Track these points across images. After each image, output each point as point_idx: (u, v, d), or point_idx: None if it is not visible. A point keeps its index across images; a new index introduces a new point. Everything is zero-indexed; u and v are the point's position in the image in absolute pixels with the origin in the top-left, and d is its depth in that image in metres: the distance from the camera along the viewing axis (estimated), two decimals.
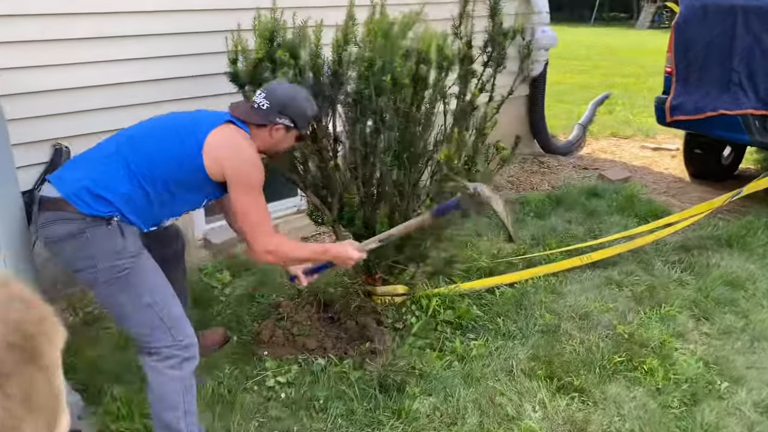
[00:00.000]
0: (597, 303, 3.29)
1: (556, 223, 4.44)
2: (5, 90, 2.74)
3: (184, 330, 2.08)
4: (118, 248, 1.98)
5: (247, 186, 2.12)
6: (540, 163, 5.87)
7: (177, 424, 2.04)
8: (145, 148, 2.08)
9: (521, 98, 5.78)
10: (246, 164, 2.11)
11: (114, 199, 1.98)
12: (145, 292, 2.02)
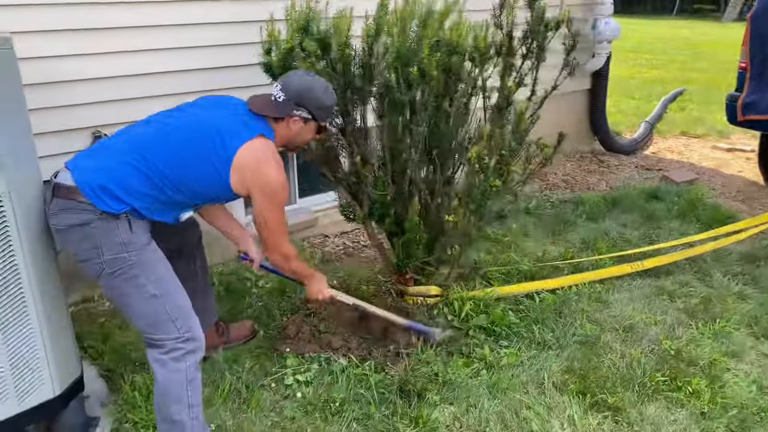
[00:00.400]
0: (644, 314, 3.07)
1: (610, 227, 4.20)
2: (46, 78, 2.80)
3: (189, 322, 2.05)
4: (124, 240, 1.97)
5: (272, 205, 2.14)
6: (599, 162, 5.59)
7: (179, 417, 2.01)
8: (171, 154, 2.02)
9: (580, 93, 5.52)
10: (273, 189, 2.10)
11: (127, 198, 1.97)
12: (150, 283, 2.00)
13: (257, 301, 3.25)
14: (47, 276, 2.07)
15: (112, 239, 1.95)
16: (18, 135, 1.95)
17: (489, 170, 2.31)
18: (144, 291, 1.99)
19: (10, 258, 1.92)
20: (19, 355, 2.01)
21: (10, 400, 2.03)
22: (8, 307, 1.94)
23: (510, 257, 3.63)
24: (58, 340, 2.13)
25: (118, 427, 2.30)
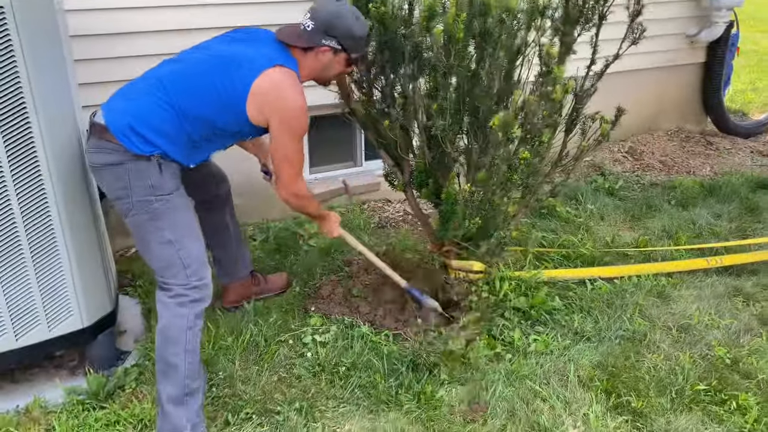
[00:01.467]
0: (708, 316, 2.77)
1: (700, 216, 3.81)
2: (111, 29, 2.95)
3: (200, 272, 2.10)
4: (153, 184, 2.02)
5: (291, 132, 2.11)
6: (707, 144, 5.06)
7: (175, 360, 2.06)
8: (190, 88, 2.05)
9: (692, 66, 4.99)
10: (292, 115, 2.07)
11: (156, 140, 2.01)
12: (168, 229, 2.05)
13: (304, 258, 3.29)
14: (78, 212, 2.21)
15: (142, 182, 2.01)
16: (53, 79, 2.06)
17: (515, 140, 2.12)
18: (161, 235, 2.06)
19: (40, 189, 2.06)
20: (48, 284, 2.18)
21: (41, 326, 2.21)
22: (38, 236, 2.10)
23: (570, 240, 3.39)
24: (88, 275, 2.28)
25: (140, 363, 2.44)
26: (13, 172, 1.99)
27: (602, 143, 2.52)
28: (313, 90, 3.10)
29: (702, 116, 5.25)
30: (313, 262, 3.22)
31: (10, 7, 1.87)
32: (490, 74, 2.16)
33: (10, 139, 1.96)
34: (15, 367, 2.35)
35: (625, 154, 4.78)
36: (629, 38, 2.38)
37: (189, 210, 2.16)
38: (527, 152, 2.17)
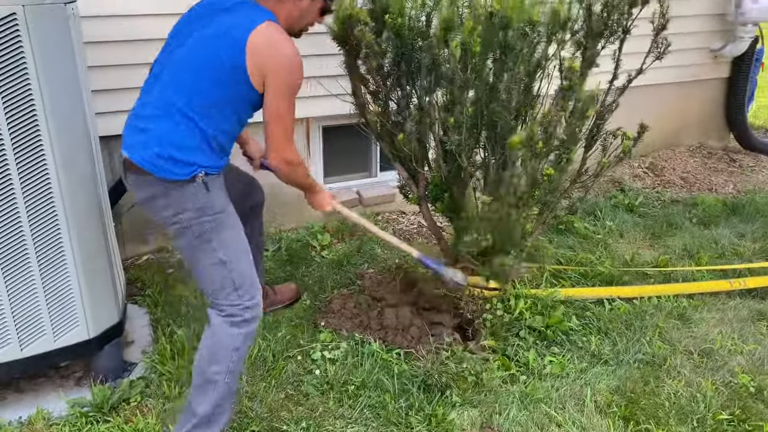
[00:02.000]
0: (731, 341, 2.67)
1: (722, 235, 3.70)
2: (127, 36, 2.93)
3: (251, 292, 2.03)
4: (203, 205, 1.95)
5: (287, 87, 1.98)
6: (730, 161, 4.95)
7: (216, 377, 2.00)
8: (191, 84, 1.93)
9: (716, 81, 4.89)
10: (290, 68, 1.96)
11: (188, 157, 1.92)
12: (222, 249, 1.99)
13: (315, 270, 3.25)
14: (86, 222, 2.18)
15: (191, 204, 1.94)
16: (64, 86, 2.03)
17: (537, 156, 2.06)
18: (215, 255, 1.98)
19: (49, 198, 2.04)
20: (55, 293, 2.14)
21: (46, 336, 2.18)
22: (45, 245, 2.07)
23: (587, 258, 3.30)
24: (95, 285, 2.24)
25: (146, 376, 2.39)
26: (22, 181, 1.97)
27: (623, 160, 2.44)
28: (329, 101, 3.08)
29: (725, 132, 5.14)
30: (324, 274, 3.18)
31: (22, 13, 1.85)
32: (509, 88, 2.10)
33: (19, 145, 1.94)
34: (20, 377, 2.32)
35: (645, 170, 4.68)
36: (653, 53, 2.31)
37: (239, 227, 2.08)
38: (551, 169, 2.10)
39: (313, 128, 3.66)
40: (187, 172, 1.92)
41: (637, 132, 2.39)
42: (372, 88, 2.58)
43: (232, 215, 2.06)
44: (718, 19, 4.64)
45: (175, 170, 1.91)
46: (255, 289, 2.05)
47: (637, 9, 2.23)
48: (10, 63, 1.86)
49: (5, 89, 1.87)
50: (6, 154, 1.92)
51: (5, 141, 1.91)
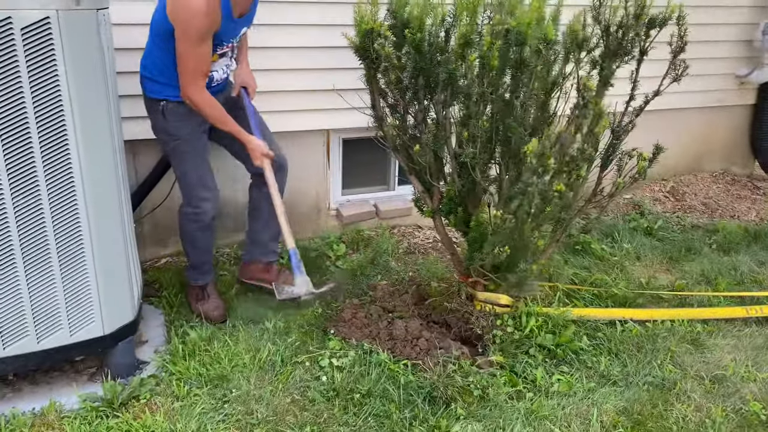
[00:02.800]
0: (744, 368, 2.64)
1: (742, 262, 3.66)
2: None
3: (199, 205, 2.69)
4: (162, 125, 2.57)
5: (185, 33, 2.27)
6: (754, 188, 4.88)
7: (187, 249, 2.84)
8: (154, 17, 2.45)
9: (741, 108, 4.86)
10: (186, 13, 2.23)
11: (151, 74, 2.50)
12: (180, 166, 2.64)
13: (331, 279, 3.28)
14: (107, 222, 2.24)
15: (159, 125, 2.59)
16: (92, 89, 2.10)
17: (549, 172, 2.07)
18: (178, 168, 2.68)
19: (72, 197, 2.10)
20: (73, 290, 2.20)
21: (63, 331, 2.24)
22: (66, 243, 2.14)
23: (602, 279, 3.29)
24: (112, 283, 2.30)
25: (157, 374, 2.44)
26: (47, 179, 2.04)
27: (638, 181, 2.44)
28: (349, 113, 3.13)
29: (750, 159, 5.09)
30: (339, 284, 3.20)
31: (56, 17, 1.93)
32: (524, 104, 2.12)
33: (46, 145, 2.01)
34: (36, 370, 2.38)
35: (666, 194, 4.65)
36: (671, 75, 2.31)
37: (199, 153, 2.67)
38: (561, 185, 2.12)
39: (333, 140, 3.71)
40: (154, 93, 2.54)
41: (652, 153, 2.39)
42: (390, 101, 2.62)
43: (194, 143, 2.61)
44: (745, 46, 4.62)
45: (147, 86, 2.57)
46: (204, 193, 2.68)
47: (654, 31, 2.24)
48: (42, 64, 1.93)
49: (36, 89, 1.94)
50: (33, 153, 1.99)
51: (33, 140, 1.98)
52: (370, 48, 2.47)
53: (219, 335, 2.68)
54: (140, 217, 3.29)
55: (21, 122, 1.95)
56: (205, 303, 2.87)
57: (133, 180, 3.21)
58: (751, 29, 4.54)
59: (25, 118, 1.95)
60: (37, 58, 1.92)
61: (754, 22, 4.53)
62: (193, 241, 2.82)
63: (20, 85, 1.92)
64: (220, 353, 2.54)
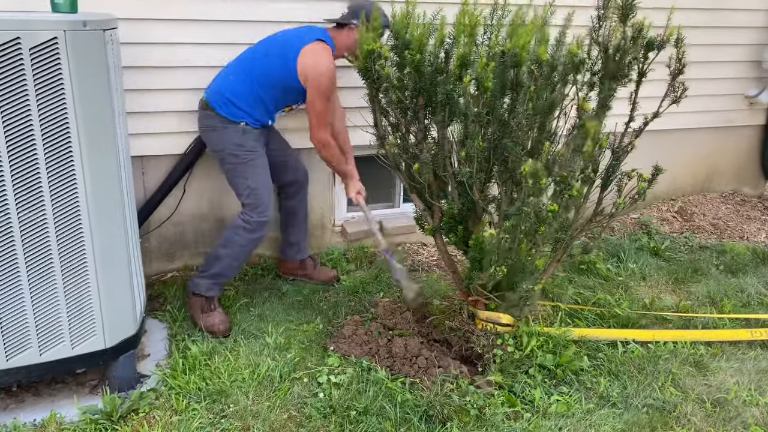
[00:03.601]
0: (747, 392, 2.60)
1: (749, 284, 3.62)
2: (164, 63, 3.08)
3: (264, 214, 2.91)
4: (239, 142, 2.85)
5: (319, 91, 2.79)
6: (765, 209, 4.84)
7: (223, 256, 2.94)
8: (261, 57, 2.87)
9: (751, 128, 4.83)
10: (321, 73, 2.77)
11: (238, 102, 2.81)
12: (251, 177, 2.88)
13: (333, 295, 3.30)
14: (111, 237, 2.28)
15: (233, 140, 2.84)
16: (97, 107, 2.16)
17: (544, 191, 2.08)
18: (245, 180, 2.89)
19: (76, 211, 2.15)
20: (75, 303, 2.25)
21: (64, 343, 2.28)
22: (70, 256, 2.18)
23: (605, 299, 3.27)
24: (114, 297, 2.34)
25: (157, 388, 2.46)
26: (52, 192, 2.09)
27: (638, 201, 2.44)
28: (354, 132, 3.17)
29: (761, 180, 5.05)
30: (340, 300, 3.23)
31: (63, 38, 1.99)
32: (520, 124, 2.14)
33: (51, 159, 2.06)
34: (38, 381, 2.42)
35: (674, 214, 4.62)
36: (670, 97, 2.32)
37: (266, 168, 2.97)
38: (555, 205, 2.12)
39: None
40: (234, 115, 2.84)
41: (651, 174, 2.39)
42: (392, 120, 2.65)
43: (262, 158, 2.93)
44: (754, 66, 4.60)
45: (227, 109, 2.84)
46: (268, 212, 2.93)
47: (653, 53, 2.25)
48: (49, 83, 1.99)
49: (43, 107, 2.00)
50: (39, 168, 2.05)
51: (39, 155, 2.03)
52: (372, 68, 2.51)
53: (220, 350, 2.70)
54: (147, 232, 3.34)
55: (27, 138, 2.01)
56: (211, 316, 2.91)
57: (142, 195, 3.26)
58: (760, 50, 4.53)
59: (32, 134, 2.01)
60: (45, 76, 1.98)
61: (762, 43, 4.52)
62: (240, 252, 2.95)
63: (27, 102, 1.98)
64: (220, 368, 2.57)
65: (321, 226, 3.81)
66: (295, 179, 3.29)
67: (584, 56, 2.18)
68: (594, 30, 2.32)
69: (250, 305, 3.15)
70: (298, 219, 3.38)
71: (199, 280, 2.97)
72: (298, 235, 3.41)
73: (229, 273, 2.99)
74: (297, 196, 3.32)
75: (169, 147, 3.20)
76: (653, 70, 2.31)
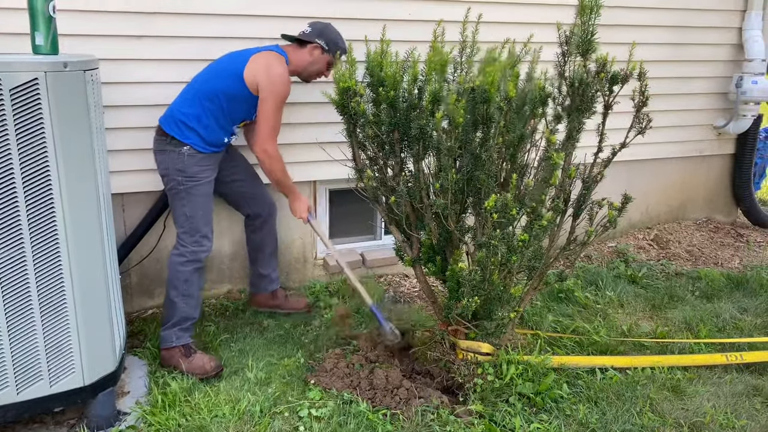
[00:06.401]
0: (723, 415, 2.64)
1: (724, 309, 3.69)
2: (144, 101, 3.13)
3: (201, 244, 2.85)
4: (180, 167, 2.77)
5: (273, 98, 2.75)
6: (737, 236, 4.95)
7: (175, 299, 2.84)
8: (207, 74, 2.86)
9: (721, 157, 4.97)
10: (275, 80, 2.74)
11: (191, 123, 2.76)
12: (188, 206, 2.80)
13: (314, 329, 3.31)
14: (90, 273, 2.29)
15: (175, 165, 2.77)
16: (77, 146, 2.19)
17: (513, 222, 2.14)
18: (183, 208, 2.82)
19: (55, 247, 2.16)
20: (54, 341, 2.24)
21: (42, 382, 2.26)
22: (49, 294, 2.18)
23: (584, 326, 3.32)
24: (93, 335, 2.33)
25: (136, 425, 2.45)
26: (31, 230, 2.10)
27: (609, 229, 2.51)
28: (334, 165, 3.23)
29: (732, 207, 5.18)
30: (322, 333, 3.24)
31: (44, 78, 2.03)
32: (491, 157, 2.21)
33: (30, 198, 2.08)
34: (14, 421, 2.39)
35: (650, 242, 4.71)
36: (635, 128, 2.41)
37: (209, 197, 2.89)
38: (526, 234, 2.18)
39: (320, 191, 3.80)
40: (180, 137, 2.77)
41: (621, 202, 2.46)
42: (370, 154, 2.71)
43: (206, 186, 2.85)
44: (721, 98, 4.77)
45: (175, 128, 2.79)
46: (207, 243, 2.88)
47: (617, 87, 2.35)
48: (29, 123, 2.03)
49: (23, 146, 2.03)
50: (18, 206, 2.06)
51: (18, 193, 2.06)
52: (348, 104, 2.58)
53: (200, 386, 2.70)
54: (128, 268, 3.35)
55: (7, 176, 2.03)
56: (195, 359, 2.84)
57: (122, 232, 3.28)
58: (726, 82, 4.70)
59: (11, 172, 2.03)
60: (25, 116, 2.02)
61: (728, 75, 4.69)
62: (187, 287, 2.85)
63: (7, 141, 2.01)
64: (200, 403, 2.56)
65: (303, 259, 3.84)
66: (260, 212, 3.25)
67: (551, 90, 2.26)
68: (560, 65, 2.41)
69: (231, 340, 3.15)
70: (266, 252, 3.35)
71: (166, 333, 2.88)
72: (268, 268, 3.39)
73: (191, 313, 2.89)
74: (263, 228, 3.29)
75: (149, 184, 3.23)
76: (618, 103, 2.40)
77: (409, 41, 2.71)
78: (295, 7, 3.30)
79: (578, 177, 2.44)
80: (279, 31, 3.24)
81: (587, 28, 2.23)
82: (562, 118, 2.34)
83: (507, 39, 2.58)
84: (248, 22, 3.23)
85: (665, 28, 4.36)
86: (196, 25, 3.14)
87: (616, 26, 3.99)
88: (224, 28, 3.19)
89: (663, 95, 4.38)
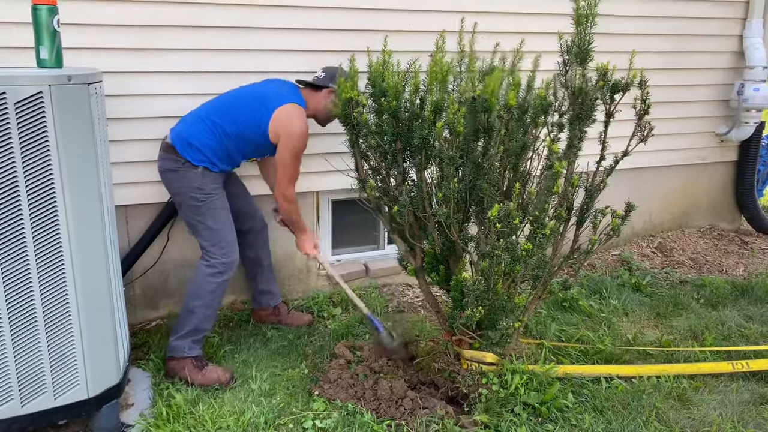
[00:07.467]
0: (731, 424, 2.62)
1: (730, 317, 3.68)
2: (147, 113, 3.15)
3: (230, 254, 2.90)
4: (198, 185, 2.84)
5: (292, 151, 2.88)
6: (741, 243, 4.94)
7: (195, 309, 2.86)
8: (227, 112, 2.89)
9: (724, 164, 4.97)
10: (294, 133, 2.85)
11: (204, 150, 2.83)
12: (211, 219, 2.86)
13: (317, 340, 3.31)
14: (94, 285, 2.29)
15: (191, 183, 2.83)
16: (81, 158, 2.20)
17: (516, 231, 2.14)
18: (206, 222, 2.87)
19: (59, 260, 2.17)
20: (58, 353, 2.24)
21: (47, 394, 2.26)
22: (53, 307, 2.19)
23: (588, 335, 3.31)
24: (97, 347, 2.33)
25: None
26: (36, 245, 2.11)
27: (613, 237, 2.50)
28: (337, 176, 3.24)
29: (736, 215, 5.17)
30: (325, 344, 3.23)
31: (48, 92, 2.05)
32: (492, 166, 2.21)
33: (35, 210, 2.09)
34: None
35: (654, 250, 4.70)
36: (637, 136, 2.41)
37: (227, 209, 2.96)
38: (530, 244, 2.18)
39: (323, 201, 3.81)
40: (195, 159, 2.83)
41: (624, 210, 2.46)
42: (372, 164, 2.72)
43: (221, 200, 2.92)
44: (723, 105, 4.77)
45: (190, 153, 2.83)
46: (234, 253, 2.92)
47: (619, 95, 2.35)
48: (33, 136, 2.04)
49: (27, 159, 2.04)
50: (23, 218, 2.07)
51: (23, 205, 2.06)
52: (350, 115, 2.59)
53: (204, 397, 2.69)
54: (131, 280, 3.35)
55: (11, 189, 2.04)
56: (208, 372, 2.85)
57: (125, 243, 3.28)
58: (728, 89, 4.71)
59: (16, 185, 2.04)
60: (29, 129, 2.03)
61: (729, 83, 4.70)
62: (212, 298, 2.88)
63: (12, 154, 2.02)
64: (204, 415, 2.55)
65: (306, 270, 3.84)
66: (252, 227, 3.28)
67: (552, 99, 2.27)
68: (561, 74, 2.42)
69: (235, 351, 3.14)
70: (264, 266, 3.39)
71: (177, 342, 2.87)
72: (268, 283, 3.43)
73: (206, 325, 2.91)
74: (256, 243, 3.33)
75: (153, 196, 3.24)
76: (620, 111, 2.41)
77: (411, 51, 2.72)
78: (298, 20, 3.32)
79: (581, 185, 2.43)
80: (284, 43, 3.27)
81: (584, 37, 2.24)
82: (563, 126, 2.34)
83: (514, 48, 2.60)
84: (252, 35, 3.25)
85: (665, 36, 4.38)
86: (198, 37, 3.16)
87: (616, 35, 4.01)
88: (229, 41, 3.22)
89: (664, 103, 4.39)
